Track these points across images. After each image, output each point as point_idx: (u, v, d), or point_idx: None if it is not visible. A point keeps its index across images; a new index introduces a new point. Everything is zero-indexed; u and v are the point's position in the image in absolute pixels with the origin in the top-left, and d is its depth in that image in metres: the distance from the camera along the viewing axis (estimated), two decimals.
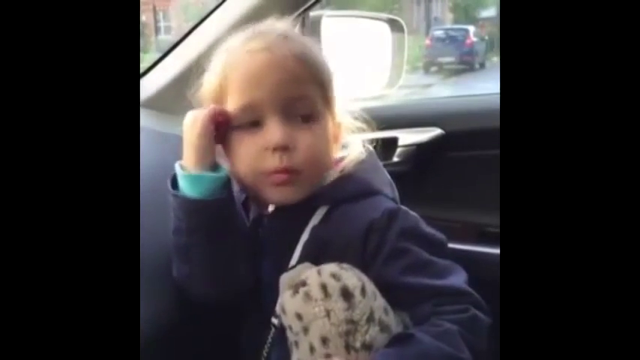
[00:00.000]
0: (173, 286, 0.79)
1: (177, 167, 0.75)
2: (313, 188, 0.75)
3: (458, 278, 0.72)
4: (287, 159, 0.72)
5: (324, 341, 0.64)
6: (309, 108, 0.75)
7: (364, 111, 0.82)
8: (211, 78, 0.77)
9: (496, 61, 12.60)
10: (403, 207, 0.77)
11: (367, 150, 0.81)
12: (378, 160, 0.83)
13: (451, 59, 13.72)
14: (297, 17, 1.05)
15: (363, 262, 0.71)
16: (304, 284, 0.66)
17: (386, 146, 1.10)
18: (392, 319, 0.68)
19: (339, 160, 0.79)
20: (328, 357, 0.64)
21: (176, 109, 0.89)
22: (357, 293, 0.65)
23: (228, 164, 0.77)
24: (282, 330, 0.71)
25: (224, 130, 0.75)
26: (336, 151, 0.80)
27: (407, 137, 1.15)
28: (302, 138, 0.73)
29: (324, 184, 0.77)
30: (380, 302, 0.67)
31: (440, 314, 0.68)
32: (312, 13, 1.15)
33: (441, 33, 14.68)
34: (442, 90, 10.92)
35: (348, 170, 0.77)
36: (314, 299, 0.65)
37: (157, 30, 17.21)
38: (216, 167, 0.76)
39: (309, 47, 0.76)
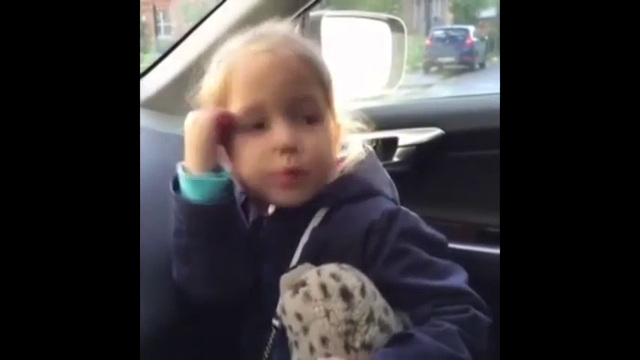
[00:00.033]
0: (173, 287, 0.79)
1: (179, 169, 0.75)
2: (318, 189, 0.75)
3: (458, 278, 0.72)
4: (294, 160, 0.72)
5: (324, 341, 0.64)
6: (313, 109, 0.74)
7: (364, 111, 0.82)
8: (213, 80, 0.76)
9: (496, 61, 12.59)
10: (403, 208, 0.77)
11: (367, 150, 0.81)
12: (378, 161, 0.83)
13: (451, 59, 13.71)
14: (297, 17, 1.05)
15: (363, 263, 0.71)
16: (304, 284, 0.67)
17: (386, 146, 1.10)
18: (392, 319, 0.68)
19: (339, 161, 0.79)
20: (328, 356, 0.64)
21: (176, 110, 0.89)
22: (357, 293, 0.65)
23: (231, 166, 0.77)
24: (283, 331, 0.71)
25: (227, 132, 0.75)
26: (337, 152, 0.80)
27: (407, 137, 1.15)
28: (307, 139, 0.73)
29: (325, 185, 0.77)
30: (380, 302, 0.67)
31: (440, 314, 0.68)
32: (312, 13, 1.15)
33: (441, 33, 14.67)
34: (442, 90, 10.91)
35: (348, 171, 0.77)
36: (314, 299, 0.65)
37: (157, 30, 17.20)
38: (218, 170, 0.75)
39: (310, 49, 0.76)
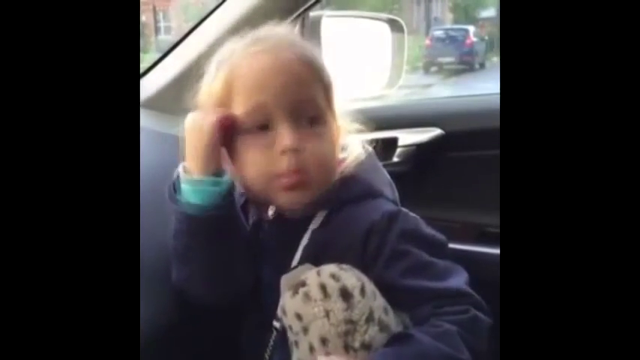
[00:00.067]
0: (173, 287, 0.78)
1: (180, 171, 0.74)
2: (321, 191, 0.75)
3: (458, 279, 0.72)
4: (297, 161, 0.71)
5: (324, 341, 0.64)
6: (315, 111, 0.74)
7: (364, 111, 0.82)
8: (214, 81, 0.76)
9: (496, 61, 12.60)
10: (403, 209, 0.77)
11: (366, 151, 0.80)
12: (378, 161, 0.83)
13: (451, 59, 13.72)
14: (297, 17, 1.05)
15: (364, 264, 0.71)
16: (304, 285, 0.67)
17: (386, 146, 1.10)
18: (392, 319, 0.68)
19: (340, 162, 0.78)
20: (327, 355, 0.64)
21: (176, 110, 0.89)
22: (357, 293, 0.65)
23: (232, 168, 0.76)
24: (283, 333, 0.71)
25: (230, 134, 0.74)
26: (338, 154, 0.79)
27: (407, 137, 1.15)
28: (310, 141, 0.73)
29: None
30: (380, 302, 0.67)
31: (440, 315, 0.68)
32: (312, 14, 1.15)
33: (441, 33, 14.68)
34: (442, 90, 10.91)
35: (349, 172, 0.77)
36: (313, 299, 0.65)
37: (157, 30, 17.21)
38: (219, 173, 0.74)
39: (310, 51, 0.76)
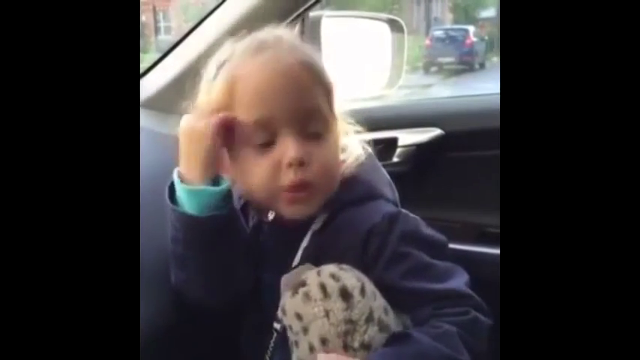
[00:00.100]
0: (173, 288, 0.78)
1: (175, 177, 0.73)
2: (325, 200, 0.74)
3: (458, 281, 0.71)
4: (302, 173, 0.70)
5: (324, 341, 0.64)
6: (319, 119, 0.73)
7: (364, 111, 0.82)
8: (214, 87, 0.74)
9: (496, 61, 12.60)
10: (403, 210, 0.76)
11: (366, 152, 0.80)
12: (377, 162, 0.83)
13: (451, 59, 13.73)
14: (296, 18, 1.05)
15: (364, 266, 0.70)
16: (304, 284, 0.67)
17: (386, 146, 1.10)
18: (391, 319, 0.68)
19: (340, 163, 0.77)
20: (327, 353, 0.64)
21: (176, 110, 0.89)
22: (356, 293, 0.65)
23: (232, 176, 0.74)
24: (284, 335, 0.71)
25: (229, 138, 0.73)
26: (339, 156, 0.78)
27: (407, 137, 1.15)
28: (315, 151, 0.72)
29: None
30: (380, 302, 0.67)
31: (440, 316, 0.68)
32: (312, 14, 1.15)
33: (441, 33, 14.68)
34: (442, 90, 10.91)
35: (349, 173, 0.77)
36: (313, 299, 0.65)
37: (157, 30, 17.22)
38: (216, 179, 0.73)
39: (310, 54, 0.75)
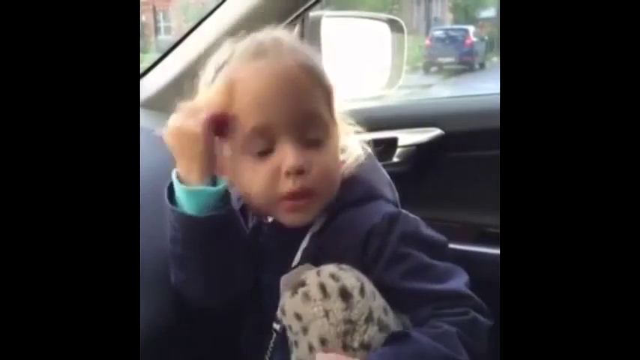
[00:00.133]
0: (173, 288, 0.78)
1: (174, 178, 0.72)
2: (325, 205, 0.74)
3: (458, 282, 0.71)
4: (300, 181, 0.70)
5: (323, 341, 0.64)
6: (319, 125, 0.72)
7: (364, 111, 0.81)
8: (213, 90, 0.73)
9: (496, 61, 12.60)
10: (403, 211, 0.76)
11: (365, 152, 0.79)
12: (377, 162, 0.82)
13: (451, 59, 13.73)
14: (296, 18, 1.05)
15: (364, 266, 0.70)
16: (303, 284, 0.66)
17: (386, 146, 1.10)
18: (391, 319, 0.68)
19: (339, 164, 0.76)
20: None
21: (176, 110, 0.89)
22: (356, 293, 0.65)
23: (230, 181, 0.74)
24: (283, 335, 0.70)
25: (223, 136, 0.72)
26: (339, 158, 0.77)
27: (407, 137, 1.15)
28: (315, 159, 0.71)
29: None
30: (379, 302, 0.67)
31: (440, 317, 0.68)
32: (312, 14, 1.15)
33: (441, 33, 14.68)
34: (442, 90, 10.91)
35: (348, 174, 0.76)
36: (313, 299, 0.65)
37: (157, 30, 17.22)
38: (215, 178, 0.73)
39: (310, 57, 0.74)
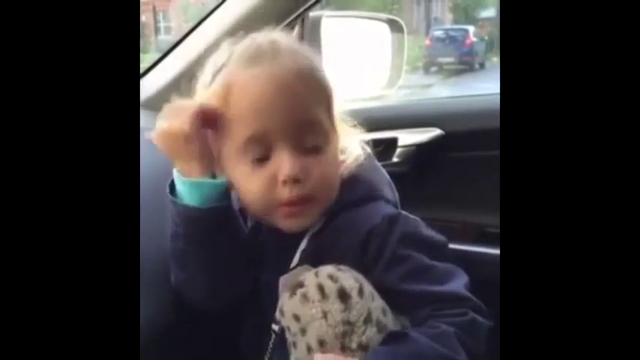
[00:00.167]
0: (173, 288, 0.78)
1: (175, 172, 0.73)
2: (324, 210, 0.74)
3: (458, 283, 0.71)
4: (297, 189, 0.69)
5: (321, 342, 0.64)
6: (319, 133, 0.72)
7: (364, 111, 0.81)
8: (211, 92, 0.73)
9: (496, 61, 12.62)
10: (403, 212, 0.76)
11: (365, 152, 0.79)
12: (377, 162, 0.82)
13: (451, 59, 13.74)
14: (296, 18, 1.05)
15: (363, 267, 0.70)
16: (302, 285, 0.66)
17: (386, 146, 1.10)
18: (390, 320, 0.68)
19: (339, 164, 0.76)
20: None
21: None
22: (355, 294, 0.65)
23: (232, 184, 0.74)
24: (282, 336, 0.70)
25: (214, 129, 0.72)
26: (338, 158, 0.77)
27: (407, 137, 1.15)
28: (313, 166, 0.71)
29: None
30: (378, 303, 0.67)
31: (438, 317, 0.67)
32: (311, 14, 1.15)
33: (441, 33, 14.70)
34: (442, 90, 10.91)
35: (348, 174, 0.76)
36: (311, 300, 0.65)
37: (157, 30, 17.24)
38: (215, 176, 0.73)
39: (310, 59, 0.74)
